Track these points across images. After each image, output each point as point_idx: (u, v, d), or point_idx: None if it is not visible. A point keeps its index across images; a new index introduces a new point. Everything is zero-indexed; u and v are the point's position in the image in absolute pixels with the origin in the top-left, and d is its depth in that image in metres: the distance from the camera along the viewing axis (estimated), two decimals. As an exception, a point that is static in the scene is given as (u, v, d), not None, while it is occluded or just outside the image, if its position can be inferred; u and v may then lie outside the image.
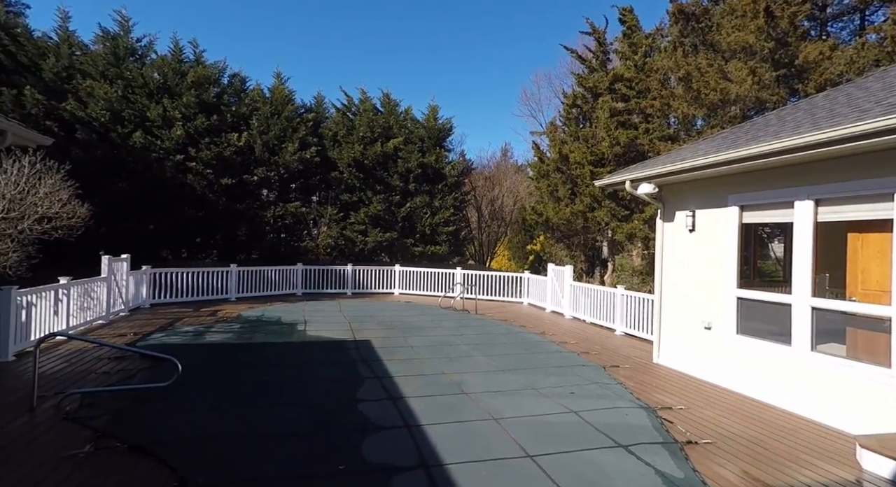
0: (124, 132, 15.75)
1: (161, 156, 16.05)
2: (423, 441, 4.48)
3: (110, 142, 15.70)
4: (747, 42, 11.56)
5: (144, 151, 15.83)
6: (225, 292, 13.63)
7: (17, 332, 7.04)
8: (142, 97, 16.26)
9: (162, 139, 16.10)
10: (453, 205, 20.39)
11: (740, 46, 11.70)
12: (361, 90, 20.53)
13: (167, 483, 3.63)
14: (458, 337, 9.24)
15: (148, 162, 15.87)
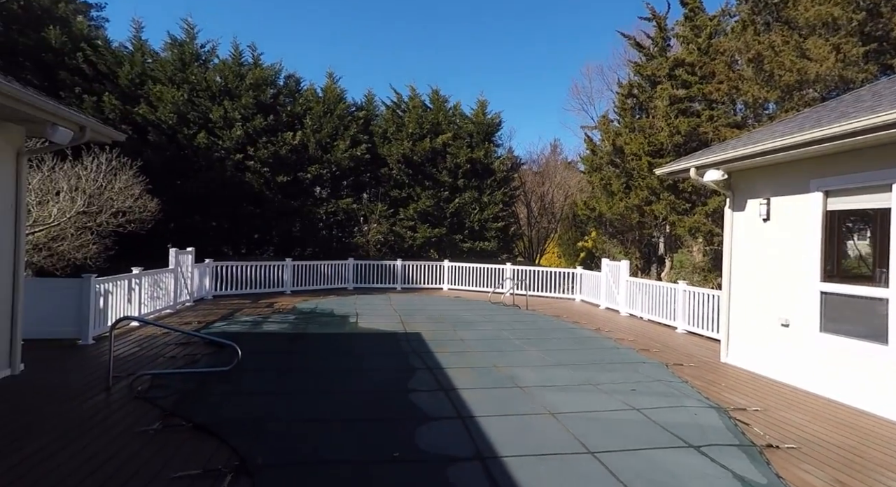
0: (190, 133, 16.64)
1: (222, 156, 16.84)
2: (477, 432, 4.36)
3: (177, 144, 16.64)
4: (831, 15, 10.51)
5: (208, 151, 16.66)
6: (281, 285, 14.10)
7: (96, 318, 7.55)
8: (205, 100, 17.11)
9: (223, 139, 16.88)
10: (502, 201, 20.12)
11: (822, 21, 10.68)
12: (411, 87, 20.63)
13: (228, 461, 3.71)
14: (509, 332, 9.05)
15: (211, 161, 16.70)
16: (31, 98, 4.89)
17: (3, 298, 5.64)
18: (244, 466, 3.63)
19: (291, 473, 3.56)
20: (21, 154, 5.68)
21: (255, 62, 18.43)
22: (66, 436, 4.08)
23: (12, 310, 5.75)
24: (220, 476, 3.49)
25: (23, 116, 5.21)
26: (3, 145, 5.46)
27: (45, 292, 7.17)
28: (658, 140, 15.43)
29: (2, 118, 5.35)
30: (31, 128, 5.69)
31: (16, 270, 5.75)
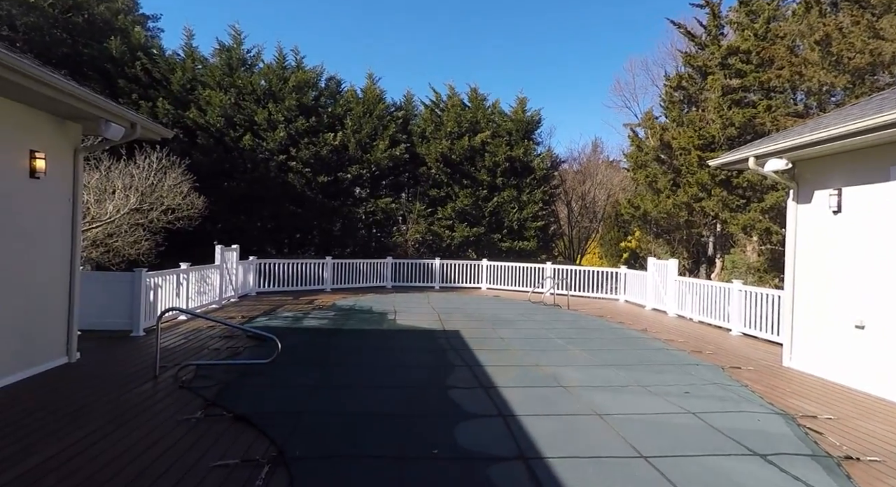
0: (236, 135, 17.17)
1: (266, 157, 17.29)
2: (519, 431, 4.15)
3: (224, 146, 17.21)
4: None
5: (252, 152, 17.15)
6: (321, 283, 14.31)
7: (147, 311, 7.83)
8: (251, 103, 17.63)
9: (267, 141, 17.33)
10: (542, 200, 19.69)
11: (899, -3, 9.77)
12: (449, 86, 20.57)
13: (267, 452, 3.68)
14: (550, 331, 8.75)
15: (255, 162, 17.18)
16: (88, 95, 5.08)
17: (61, 291, 5.90)
18: (282, 457, 3.58)
19: (328, 466, 3.48)
20: (78, 151, 5.93)
21: (298, 65, 18.84)
22: (114, 422, 4.17)
23: (69, 302, 6.01)
24: (259, 466, 3.46)
25: (80, 114, 5.44)
26: (63, 142, 5.72)
27: (100, 285, 7.48)
28: (709, 133, 14.66)
29: (62, 116, 5.60)
30: (86, 127, 5.94)
31: (72, 263, 6.01)
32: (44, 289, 5.58)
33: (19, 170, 5.10)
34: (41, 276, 5.53)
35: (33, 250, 5.40)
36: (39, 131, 5.35)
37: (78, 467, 3.38)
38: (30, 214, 5.32)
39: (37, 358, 5.46)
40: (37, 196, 5.38)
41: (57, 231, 5.76)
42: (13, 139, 5.02)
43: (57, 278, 5.80)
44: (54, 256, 5.74)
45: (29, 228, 5.32)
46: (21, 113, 5.08)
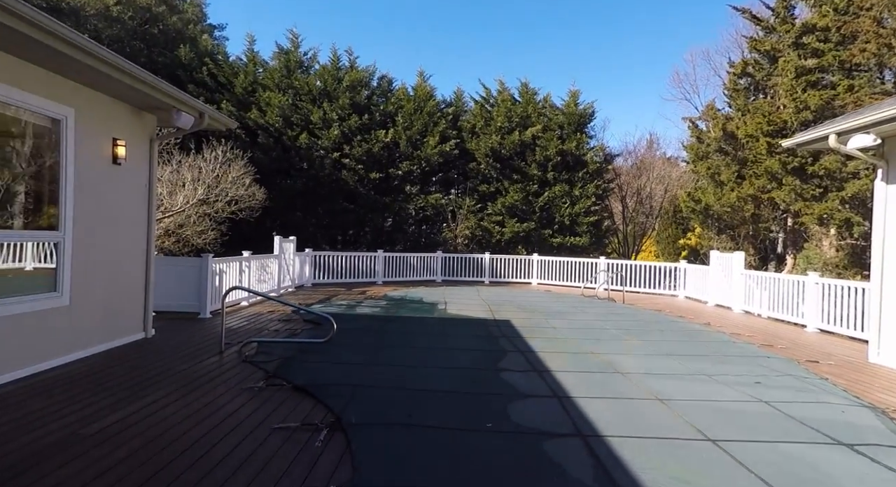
0: (293, 134, 17.88)
1: (321, 155, 17.88)
2: (574, 411, 4.03)
3: (282, 145, 17.96)
4: None
5: (308, 151, 17.79)
6: (373, 275, 14.61)
7: (212, 294, 8.28)
8: (307, 103, 18.30)
9: (322, 139, 17.92)
10: (595, 194, 19.15)
11: None
12: (499, 81, 20.45)
13: (325, 418, 3.78)
14: (605, 322, 8.47)
15: (311, 160, 17.81)
16: (165, 86, 5.45)
17: (139, 272, 6.35)
18: (339, 423, 3.66)
19: (383, 432, 3.52)
20: (153, 140, 6.38)
21: (352, 65, 19.37)
22: (185, 388, 4.44)
23: (145, 282, 6.46)
24: (317, 429, 3.55)
25: (156, 104, 5.84)
26: (140, 132, 6.16)
27: (172, 269, 7.99)
28: (780, 118, 13.69)
29: (139, 107, 6.03)
30: (160, 118, 6.36)
31: (148, 246, 6.46)
32: (124, 270, 6.02)
33: (104, 157, 5.54)
34: (122, 257, 5.97)
35: (116, 232, 5.85)
36: (120, 121, 5.79)
37: (155, 422, 3.62)
38: (113, 198, 5.76)
39: (118, 332, 5.90)
40: (118, 181, 5.82)
41: (135, 215, 6.20)
42: (99, 127, 5.45)
43: (135, 259, 6.24)
44: (133, 239, 6.19)
45: (112, 211, 5.76)
46: (105, 103, 5.52)
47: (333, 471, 2.95)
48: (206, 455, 3.13)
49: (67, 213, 5.03)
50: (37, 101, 4.61)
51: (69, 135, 4.98)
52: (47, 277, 4.95)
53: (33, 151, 4.87)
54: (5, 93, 4.27)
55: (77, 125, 5.08)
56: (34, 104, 4.60)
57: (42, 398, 4.04)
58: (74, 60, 4.38)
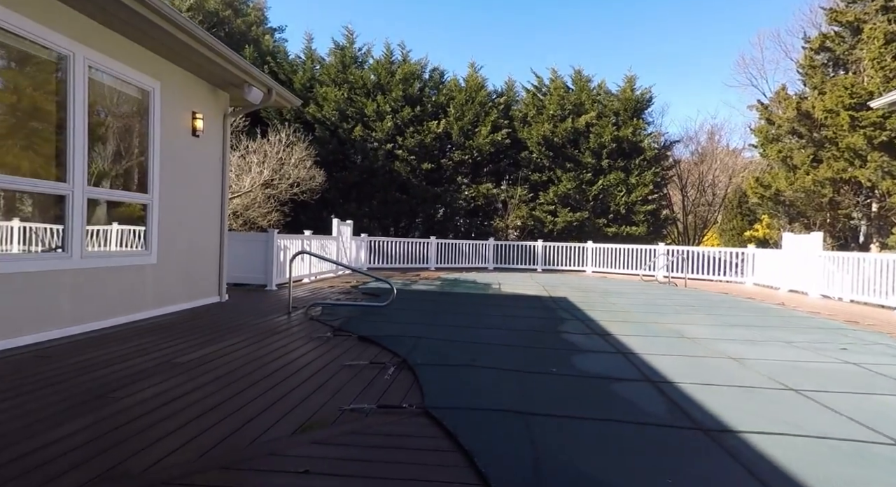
0: (348, 128, 18.43)
1: (375, 147, 18.33)
2: (641, 364, 3.92)
3: (338, 138, 18.56)
4: None
5: (363, 143, 18.28)
6: (425, 261, 14.82)
7: (277, 268, 8.71)
8: (361, 96, 18.82)
9: (376, 131, 18.36)
10: (652, 182, 18.44)
11: None
12: (552, 69, 20.12)
13: (391, 360, 3.90)
14: (667, 300, 8.17)
15: (365, 152, 18.29)
16: (238, 59, 5.81)
17: (214, 241, 6.79)
18: (405, 363, 3.77)
19: (449, 371, 3.59)
20: (226, 116, 6.80)
21: (404, 59, 19.71)
22: (259, 335, 4.72)
23: (220, 250, 6.89)
24: (385, 367, 3.67)
25: (230, 80, 6.23)
26: (214, 107, 6.59)
27: (242, 244, 8.47)
28: (864, 90, 12.64)
29: (215, 84, 6.46)
30: (232, 95, 6.78)
31: (222, 216, 6.89)
32: (201, 237, 6.46)
33: (185, 129, 5.98)
34: (200, 225, 6.41)
35: (195, 201, 6.29)
36: (198, 96, 6.23)
37: (236, 357, 3.88)
38: (192, 169, 6.20)
39: (196, 294, 6.34)
40: (196, 153, 6.26)
41: (210, 186, 6.64)
42: (180, 101, 5.89)
43: (211, 228, 6.68)
44: (209, 208, 6.63)
45: (192, 181, 6.20)
46: (185, 78, 5.95)
47: (403, 396, 3.05)
48: (286, 380, 3.32)
49: (155, 178, 5.47)
50: (132, 73, 5.05)
51: (156, 105, 5.42)
52: (139, 238, 5.40)
53: (128, 120, 5.33)
54: (108, 65, 4.71)
55: (162, 97, 5.51)
56: (131, 76, 5.04)
57: (141, 337, 4.44)
58: (166, 33, 4.77)
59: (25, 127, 4.29)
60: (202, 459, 2.16)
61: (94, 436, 2.35)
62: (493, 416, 2.68)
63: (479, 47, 48.10)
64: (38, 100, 4.33)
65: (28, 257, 4.22)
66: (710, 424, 2.64)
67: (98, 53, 4.59)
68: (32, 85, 4.32)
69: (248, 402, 2.88)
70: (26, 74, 4.27)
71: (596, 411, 2.83)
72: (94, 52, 4.55)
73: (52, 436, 2.32)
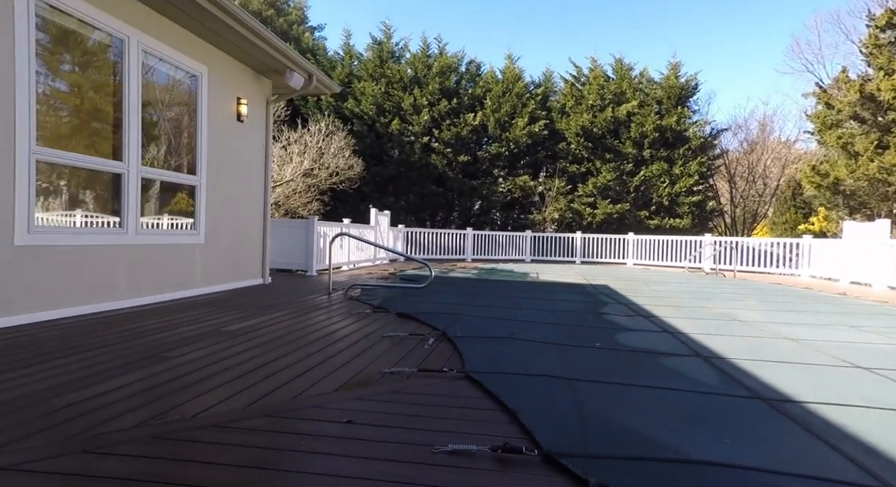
0: (385, 122, 18.62)
1: (411, 140, 18.43)
2: (690, 342, 3.75)
3: (375, 132, 18.78)
4: None
5: (400, 136, 18.42)
6: (462, 253, 14.80)
7: (317, 254, 8.88)
8: (398, 90, 18.96)
9: (412, 124, 18.46)
10: (698, 172, 17.72)
11: None
12: (591, 58, 19.66)
13: (431, 332, 3.88)
14: (715, 289, 7.81)
15: (402, 145, 18.43)
16: (281, 44, 5.94)
17: (257, 224, 6.98)
18: (444, 336, 3.75)
19: (489, 342, 3.54)
20: (269, 102, 6.98)
21: (441, 52, 19.72)
22: (300, 311, 4.81)
23: (263, 234, 7.08)
24: (424, 338, 3.67)
25: (273, 65, 6.38)
26: (258, 94, 6.77)
27: (283, 230, 8.69)
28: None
29: (258, 71, 6.63)
30: (274, 81, 6.94)
31: (265, 201, 7.07)
32: (246, 220, 6.66)
33: (230, 113, 6.17)
34: (244, 208, 6.61)
35: (239, 185, 6.48)
36: (242, 82, 6.41)
37: (280, 327, 3.98)
38: (237, 153, 6.40)
39: (241, 275, 6.54)
40: (241, 138, 6.45)
41: (254, 171, 6.83)
42: (226, 86, 6.08)
43: (254, 212, 6.87)
44: (252, 193, 6.82)
45: (236, 166, 6.40)
46: (230, 64, 6.14)
47: (444, 363, 3.02)
48: (328, 347, 3.37)
49: (202, 161, 5.67)
50: (181, 58, 5.25)
51: (203, 90, 5.61)
52: (188, 218, 5.62)
53: (177, 104, 5.55)
54: (159, 49, 4.92)
55: (209, 82, 5.70)
56: (180, 61, 5.24)
57: (190, 310, 4.62)
58: (216, 19, 4.93)
59: (85, 109, 4.53)
60: (248, 408, 2.21)
61: (150, 387, 2.45)
62: (536, 381, 2.62)
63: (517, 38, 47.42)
64: (96, 84, 4.56)
65: (89, 231, 4.46)
66: (769, 394, 2.48)
67: (150, 37, 4.79)
68: (90, 70, 4.55)
69: (291, 364, 2.93)
70: (85, 59, 4.50)
71: (643, 379, 2.71)
72: (147, 36, 4.75)
73: (114, 385, 2.44)
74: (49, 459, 1.68)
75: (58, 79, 4.21)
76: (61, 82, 4.27)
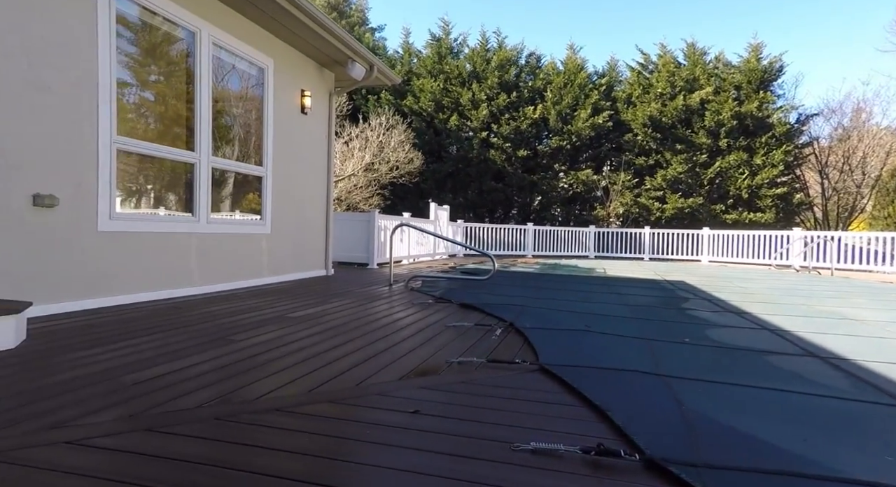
0: (444, 118, 18.53)
1: (470, 136, 18.23)
2: (798, 341, 3.26)
3: (434, 128, 18.75)
4: None
5: (458, 132, 18.27)
6: (522, 248, 14.41)
7: (378, 247, 8.90)
8: (456, 86, 18.82)
9: (471, 120, 18.25)
10: (783, 162, 16.18)
11: None
12: (660, 44, 18.51)
13: (498, 323, 3.66)
14: (812, 287, 6.97)
15: (460, 141, 18.27)
16: (344, 34, 5.93)
17: (321, 216, 7.05)
18: (512, 327, 3.50)
19: (562, 334, 3.26)
20: (332, 94, 7.03)
21: (500, 45, 19.36)
22: (363, 300, 4.74)
23: (326, 226, 7.15)
24: (491, 329, 3.44)
25: (336, 57, 6.40)
26: (321, 86, 6.83)
27: (344, 223, 8.78)
28: None
29: (321, 63, 6.69)
30: (336, 74, 6.98)
31: (328, 193, 7.13)
32: (309, 212, 6.74)
33: (294, 106, 6.25)
34: (308, 200, 6.69)
35: (304, 177, 6.57)
36: (306, 74, 6.48)
37: (344, 314, 3.92)
38: (301, 146, 6.48)
39: (305, 266, 6.62)
40: (305, 130, 6.53)
41: (317, 163, 6.90)
42: (291, 78, 6.16)
43: (318, 204, 6.95)
44: (316, 185, 6.89)
45: (301, 157, 6.48)
46: (295, 57, 6.22)
47: (514, 354, 2.78)
48: (391, 335, 3.24)
49: (269, 153, 5.77)
50: (249, 51, 5.35)
51: (270, 82, 5.70)
52: (255, 213, 5.74)
53: (245, 96, 5.68)
54: (228, 42, 5.03)
55: (275, 75, 5.79)
56: (248, 53, 5.35)
57: (257, 298, 4.68)
58: (283, 10, 4.98)
59: (160, 102, 4.71)
60: (311, 393, 2.10)
61: (217, 367, 2.41)
62: (622, 376, 2.32)
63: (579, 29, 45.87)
64: (170, 78, 4.72)
65: (164, 219, 4.62)
66: (920, 403, 2.03)
67: (220, 30, 4.90)
68: (165, 65, 4.72)
69: (354, 351, 2.82)
70: (160, 54, 4.67)
71: (751, 378, 2.33)
72: (217, 29, 4.86)
73: (185, 364, 2.44)
74: (115, 435, 1.63)
75: (136, 73, 4.39)
76: (139, 76, 4.44)
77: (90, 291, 3.80)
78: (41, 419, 1.74)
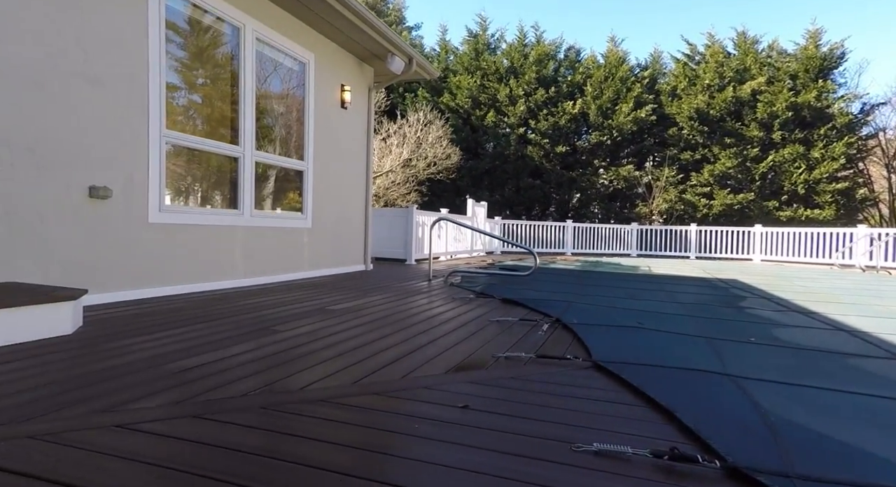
0: (481, 114, 18.36)
1: (507, 132, 17.98)
2: (882, 343, 2.95)
3: (471, 125, 18.60)
4: None
5: (495, 129, 18.06)
6: (561, 246, 14.09)
7: (416, 243, 8.86)
8: (493, 82, 18.60)
9: (508, 116, 18.00)
10: (844, 155, 15.14)
11: None
12: (707, 34, 17.68)
13: (543, 318, 3.51)
14: (884, 287, 6.44)
15: (497, 138, 18.04)
16: (384, 27, 5.90)
17: (360, 211, 7.06)
18: (559, 322, 3.35)
19: (614, 331, 3.08)
20: (371, 89, 7.03)
21: (538, 40, 19.00)
22: (404, 294, 4.70)
23: (365, 221, 7.16)
24: (538, 324, 3.30)
25: (375, 51, 6.39)
26: (360, 81, 6.83)
27: (382, 219, 8.79)
28: None
29: (360, 58, 6.69)
30: (376, 68, 6.96)
31: (367, 189, 7.13)
32: (349, 206, 6.76)
33: (335, 100, 6.27)
34: (347, 195, 6.71)
35: (343, 172, 6.59)
36: (346, 69, 6.49)
37: (384, 307, 3.86)
38: (341, 140, 6.50)
39: (344, 261, 6.65)
40: (345, 125, 6.54)
41: (357, 158, 6.91)
42: (331, 73, 6.18)
43: (357, 199, 6.96)
44: (355, 180, 6.90)
45: (341, 152, 6.50)
46: (335, 52, 6.23)
47: (564, 350, 2.64)
48: (433, 328, 3.15)
49: (310, 147, 5.81)
50: (290, 45, 5.39)
51: (311, 77, 5.74)
52: (296, 206, 5.79)
53: (287, 91, 5.73)
54: (271, 36, 5.08)
55: (316, 69, 5.82)
56: (290, 48, 5.39)
57: (299, 291, 4.71)
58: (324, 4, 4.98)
59: (206, 99, 4.80)
60: (355, 385, 2.03)
61: (261, 357, 2.39)
62: (686, 375, 2.14)
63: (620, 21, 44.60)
64: (215, 73, 4.80)
65: (210, 212, 4.71)
66: None
67: (263, 25, 4.95)
68: (211, 60, 4.81)
69: (397, 343, 2.74)
70: (206, 49, 4.76)
71: (834, 382, 2.10)
72: (260, 24, 4.92)
73: (229, 353, 2.43)
74: (163, 420, 1.61)
75: (182, 73, 4.48)
76: (185, 76, 4.54)
77: (139, 281, 3.90)
78: (93, 402, 1.75)
